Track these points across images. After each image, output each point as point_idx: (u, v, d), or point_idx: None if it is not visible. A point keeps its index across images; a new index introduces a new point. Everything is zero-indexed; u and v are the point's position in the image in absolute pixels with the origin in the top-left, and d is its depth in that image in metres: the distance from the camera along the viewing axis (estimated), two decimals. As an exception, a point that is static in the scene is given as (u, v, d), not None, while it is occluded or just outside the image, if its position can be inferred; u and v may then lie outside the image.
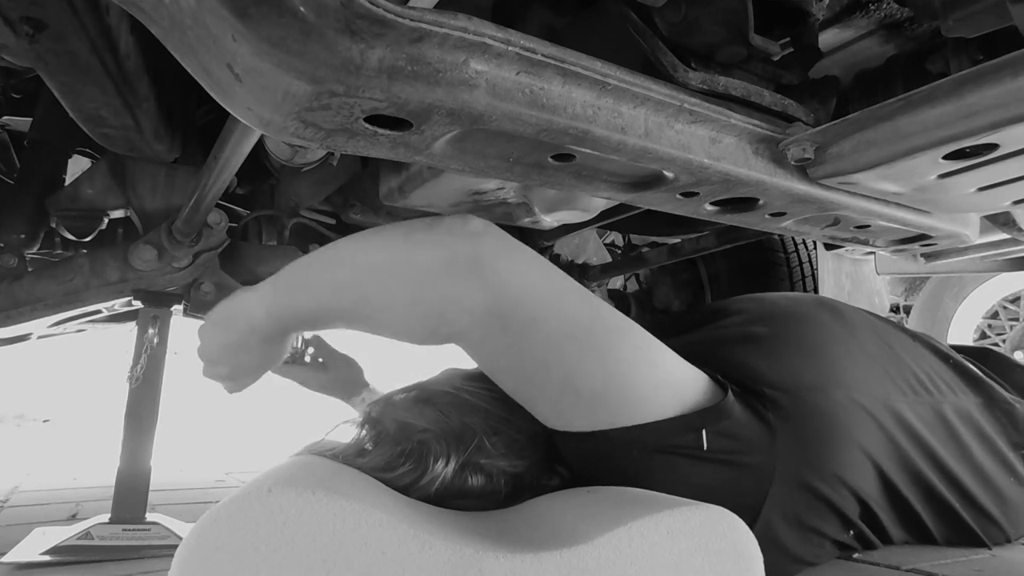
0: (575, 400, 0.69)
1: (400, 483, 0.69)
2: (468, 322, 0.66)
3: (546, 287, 0.67)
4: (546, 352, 0.67)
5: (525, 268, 0.67)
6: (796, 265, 2.05)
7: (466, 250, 0.65)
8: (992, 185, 0.70)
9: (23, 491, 1.81)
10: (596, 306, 0.69)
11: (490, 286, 0.65)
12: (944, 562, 0.81)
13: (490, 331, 0.66)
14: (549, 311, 0.66)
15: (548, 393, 0.70)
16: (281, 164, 1.20)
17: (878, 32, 0.85)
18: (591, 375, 0.67)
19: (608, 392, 0.68)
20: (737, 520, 0.59)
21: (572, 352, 0.66)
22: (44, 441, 3.88)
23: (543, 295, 0.67)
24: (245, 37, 0.43)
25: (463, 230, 0.66)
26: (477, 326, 0.66)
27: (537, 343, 0.66)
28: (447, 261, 0.65)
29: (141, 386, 1.17)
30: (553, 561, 0.53)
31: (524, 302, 0.66)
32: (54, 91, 0.91)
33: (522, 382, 0.71)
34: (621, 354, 0.68)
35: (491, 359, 0.71)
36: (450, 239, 0.66)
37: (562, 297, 0.68)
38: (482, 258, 0.65)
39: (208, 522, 0.49)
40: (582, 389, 0.68)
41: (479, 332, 0.67)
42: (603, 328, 0.68)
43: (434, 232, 0.67)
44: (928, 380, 0.88)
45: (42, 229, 1.28)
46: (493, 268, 0.65)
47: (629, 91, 0.58)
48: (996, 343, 3.01)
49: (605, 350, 0.67)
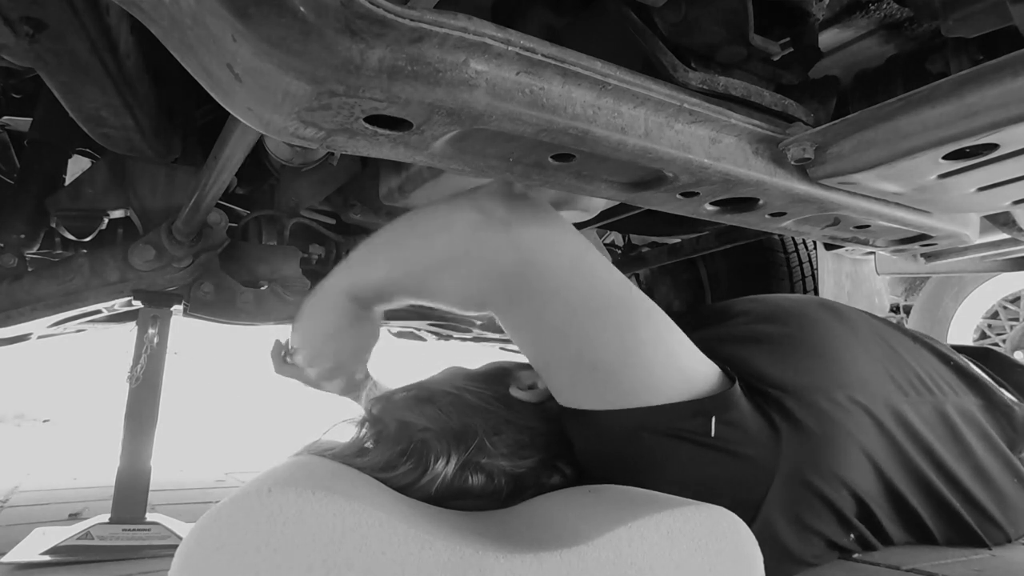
0: (590, 375, 0.69)
1: (400, 483, 0.69)
2: (500, 285, 0.68)
3: (575, 258, 0.69)
4: (568, 322, 0.68)
5: (557, 237, 0.69)
6: (796, 265, 2.05)
7: (500, 212, 0.68)
8: (992, 185, 0.70)
9: (23, 491, 1.81)
10: (621, 284, 0.70)
11: (520, 249, 0.67)
12: (944, 562, 0.81)
13: (518, 296, 0.68)
14: (575, 282, 0.68)
15: (565, 365, 0.71)
16: (281, 164, 1.20)
17: (878, 32, 0.85)
18: (609, 351, 0.68)
19: (624, 370, 0.68)
20: (738, 520, 0.59)
21: (593, 326, 0.67)
22: (44, 441, 3.88)
23: (571, 266, 0.68)
24: (245, 37, 0.43)
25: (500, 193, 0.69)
26: (507, 289, 0.68)
27: (560, 313, 0.68)
28: (481, 222, 0.68)
29: (141, 386, 1.17)
30: (553, 561, 0.53)
31: (553, 269, 0.67)
32: (54, 91, 0.91)
33: (542, 351, 0.73)
34: (640, 334, 0.69)
35: (516, 325, 0.73)
36: (487, 201, 0.69)
37: (590, 270, 0.70)
38: (514, 221, 0.67)
39: (208, 522, 0.49)
40: (599, 364, 0.68)
41: (508, 296, 0.69)
42: (626, 306, 0.69)
43: (473, 196, 0.70)
44: (929, 380, 0.89)
45: (42, 229, 1.28)
46: (524, 233, 0.67)
47: (629, 91, 0.58)
48: (996, 343, 3.01)
49: (625, 328, 0.68)
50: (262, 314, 1.37)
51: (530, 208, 0.69)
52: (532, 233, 0.68)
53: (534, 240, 0.67)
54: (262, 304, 1.37)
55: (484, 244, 0.67)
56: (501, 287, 0.68)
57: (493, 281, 0.68)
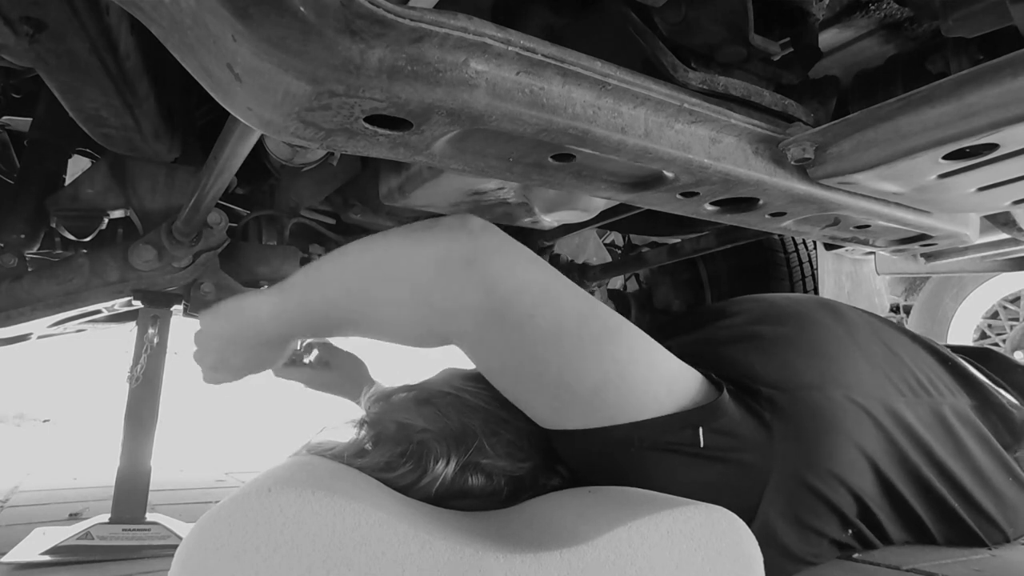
0: (571, 399, 0.69)
1: (400, 483, 0.69)
2: (464, 320, 0.66)
3: (541, 286, 0.68)
4: (542, 350, 0.67)
5: (521, 267, 0.68)
6: (796, 265, 2.05)
7: (462, 248, 0.65)
8: (992, 185, 0.70)
9: (23, 491, 1.81)
10: (591, 305, 0.70)
11: (485, 284, 0.65)
12: (944, 562, 0.81)
13: (486, 329, 0.67)
14: (544, 309, 0.66)
15: (544, 392, 0.70)
16: (281, 164, 1.20)
17: (878, 32, 0.85)
18: (586, 373, 0.67)
19: (603, 390, 0.68)
20: (737, 520, 0.59)
21: (567, 350, 0.66)
22: (44, 441, 3.88)
23: (538, 293, 0.67)
24: (245, 37, 0.43)
25: (461, 228, 0.67)
26: (473, 324, 0.66)
27: (532, 341, 0.67)
28: (443, 259, 0.65)
29: (141, 386, 1.17)
30: (553, 561, 0.53)
31: (519, 300, 0.66)
32: (54, 91, 0.91)
33: (518, 381, 0.72)
34: (616, 353, 0.68)
35: (487, 358, 0.71)
36: (447, 238, 0.66)
37: (557, 295, 0.68)
38: (477, 256, 0.65)
39: (208, 522, 0.49)
40: (577, 387, 0.68)
41: (475, 331, 0.67)
42: (598, 327, 0.68)
43: (432, 232, 0.68)
44: (927, 381, 0.88)
45: (42, 229, 1.28)
46: (488, 266, 0.65)
47: (629, 91, 0.58)
48: (996, 343, 3.01)
49: (600, 348, 0.67)
50: (262, 314, 1.37)
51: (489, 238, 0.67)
52: (497, 266, 0.65)
53: (500, 273, 0.65)
54: (262, 304, 1.37)
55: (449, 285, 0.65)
56: (469, 322, 0.66)
57: (460, 317, 0.66)
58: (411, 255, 0.67)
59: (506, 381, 0.72)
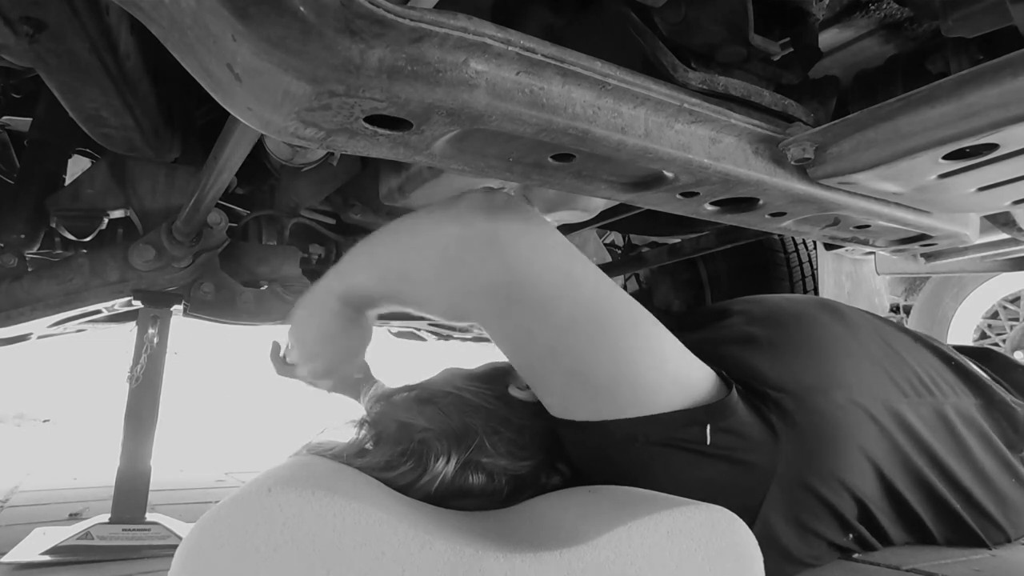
0: (582, 388, 0.69)
1: (400, 483, 0.69)
2: (481, 300, 0.67)
3: (563, 270, 0.68)
4: (557, 337, 0.67)
5: (544, 248, 0.68)
6: (796, 265, 2.05)
7: (484, 226, 0.66)
8: (992, 185, 0.70)
9: (23, 491, 1.81)
10: (611, 293, 0.69)
11: (505, 264, 0.65)
12: (944, 562, 0.81)
13: (504, 309, 0.67)
14: (563, 295, 0.67)
15: (556, 378, 0.70)
16: (281, 164, 1.20)
17: (878, 32, 0.85)
18: (600, 364, 0.67)
19: (616, 382, 0.68)
20: (737, 520, 0.59)
21: (583, 339, 0.66)
22: (44, 441, 3.88)
23: (559, 278, 0.67)
24: (245, 37, 0.43)
25: (485, 204, 0.67)
26: (492, 303, 0.67)
27: (549, 326, 0.67)
28: (465, 236, 0.66)
29: (141, 386, 1.17)
30: (553, 561, 0.53)
31: (539, 283, 0.66)
32: (54, 91, 0.91)
33: (533, 365, 0.72)
34: (632, 344, 0.68)
35: (504, 338, 0.72)
36: (470, 214, 0.67)
37: (578, 281, 0.68)
38: (499, 234, 0.66)
39: (208, 522, 0.49)
40: (590, 377, 0.68)
41: (494, 309, 0.68)
42: (616, 317, 0.68)
43: (457, 207, 0.69)
44: (930, 381, 0.88)
45: (42, 229, 1.28)
46: (509, 247, 0.66)
47: (629, 91, 0.58)
48: (996, 343, 3.01)
49: (616, 339, 0.67)
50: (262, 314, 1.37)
51: (516, 217, 0.68)
52: (519, 245, 0.66)
53: (521, 252, 0.66)
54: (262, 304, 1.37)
55: (470, 262, 0.66)
56: (488, 300, 0.67)
57: (479, 295, 0.67)
58: (436, 233, 0.69)
59: (521, 362, 0.73)
